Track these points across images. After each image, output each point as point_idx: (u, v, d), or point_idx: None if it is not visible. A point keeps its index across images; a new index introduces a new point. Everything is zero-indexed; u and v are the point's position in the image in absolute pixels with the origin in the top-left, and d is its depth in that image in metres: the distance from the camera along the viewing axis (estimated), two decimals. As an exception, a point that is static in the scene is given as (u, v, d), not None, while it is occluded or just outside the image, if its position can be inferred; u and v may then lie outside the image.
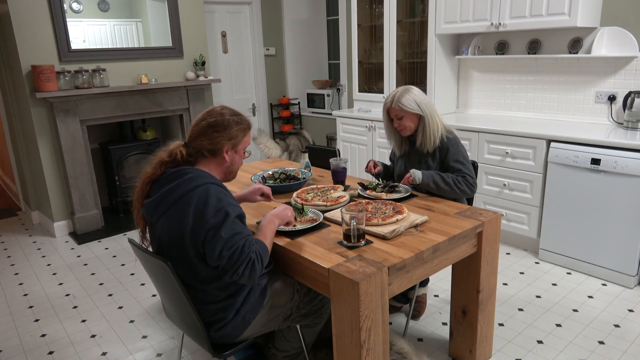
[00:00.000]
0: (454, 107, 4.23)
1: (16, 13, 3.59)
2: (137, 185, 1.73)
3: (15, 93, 4.11)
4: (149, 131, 4.57)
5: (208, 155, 1.73)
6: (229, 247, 1.55)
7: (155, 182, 1.71)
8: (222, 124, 1.71)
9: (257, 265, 1.58)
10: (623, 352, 2.27)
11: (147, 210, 1.69)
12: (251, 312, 1.74)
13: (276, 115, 6.20)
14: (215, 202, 1.59)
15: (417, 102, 2.32)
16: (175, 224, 1.62)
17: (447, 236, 1.82)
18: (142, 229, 1.78)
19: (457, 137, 2.40)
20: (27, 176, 4.42)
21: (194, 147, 1.72)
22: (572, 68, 3.45)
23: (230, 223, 1.58)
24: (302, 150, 2.76)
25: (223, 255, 1.55)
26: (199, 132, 1.71)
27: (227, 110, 1.76)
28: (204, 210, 1.57)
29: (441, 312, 2.68)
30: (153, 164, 1.71)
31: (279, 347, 2.08)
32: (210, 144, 1.71)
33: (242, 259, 1.56)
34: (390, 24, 4.17)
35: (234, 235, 1.57)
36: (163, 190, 1.65)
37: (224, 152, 1.73)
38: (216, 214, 1.57)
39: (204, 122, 1.72)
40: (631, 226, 2.76)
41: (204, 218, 1.57)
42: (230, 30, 5.64)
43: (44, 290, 3.13)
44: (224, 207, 1.59)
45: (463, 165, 2.33)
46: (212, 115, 1.73)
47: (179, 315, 1.79)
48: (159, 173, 1.70)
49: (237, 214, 1.62)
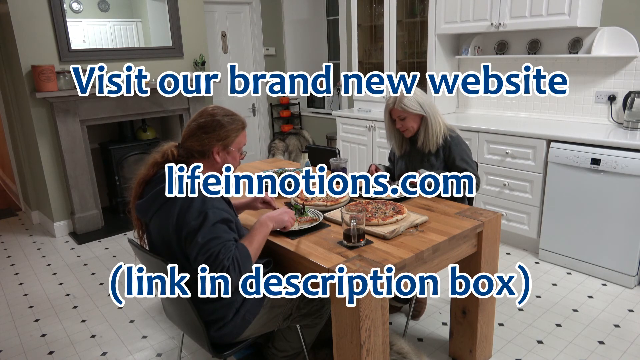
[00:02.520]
0: (454, 107, 4.23)
1: (16, 13, 3.59)
2: (132, 187, 1.73)
3: (15, 93, 4.11)
4: (149, 131, 4.57)
5: (198, 157, 1.71)
6: (204, 251, 1.54)
7: (148, 183, 1.71)
8: (212, 124, 1.69)
9: (232, 274, 1.54)
10: (623, 352, 2.27)
11: (140, 210, 1.69)
12: (251, 312, 1.74)
13: (276, 115, 6.20)
14: (199, 205, 1.57)
15: (419, 103, 2.32)
16: (164, 224, 1.62)
17: (447, 236, 1.82)
18: (139, 230, 1.78)
19: (459, 136, 2.40)
20: (27, 176, 4.42)
21: (185, 148, 1.71)
22: (572, 68, 3.45)
23: (209, 227, 1.55)
24: (302, 150, 2.76)
25: (198, 260, 1.55)
26: (189, 134, 1.71)
27: (220, 110, 1.73)
28: (187, 211, 1.57)
29: (441, 312, 2.68)
30: (147, 164, 1.71)
31: (278, 347, 2.08)
32: (199, 145, 1.69)
33: (216, 265, 1.53)
34: (390, 24, 4.17)
35: (211, 240, 1.54)
36: (153, 191, 1.65)
37: (214, 153, 1.71)
38: (198, 217, 1.56)
39: (194, 123, 1.71)
40: (631, 226, 2.76)
41: (186, 220, 1.56)
42: (230, 30, 5.64)
43: (44, 290, 3.13)
44: (205, 210, 1.56)
45: (468, 164, 2.34)
46: (202, 115, 1.72)
47: (179, 315, 1.79)
48: (151, 174, 1.70)
49: (221, 217, 1.58)
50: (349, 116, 4.52)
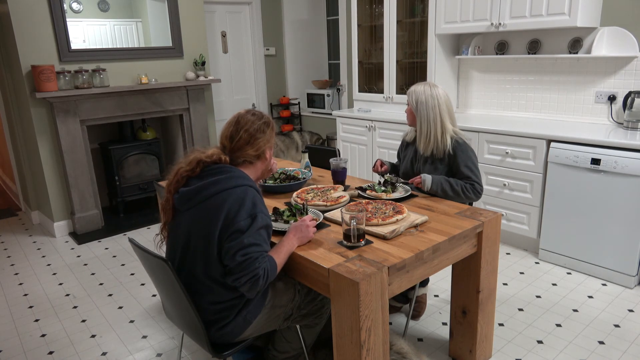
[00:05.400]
0: (454, 107, 4.22)
1: (16, 13, 3.59)
2: (170, 178, 1.77)
3: (15, 93, 4.11)
4: (149, 131, 4.57)
5: (254, 161, 1.82)
6: (244, 253, 1.60)
7: (192, 177, 1.75)
8: (260, 129, 1.81)
9: (260, 282, 1.62)
10: (623, 352, 2.27)
11: (182, 198, 1.72)
12: (252, 312, 1.75)
13: (276, 115, 6.20)
14: (250, 206, 1.64)
15: (416, 101, 2.33)
16: (206, 217, 1.65)
17: (447, 236, 1.82)
18: (167, 221, 1.81)
19: (467, 142, 2.38)
20: (27, 176, 4.42)
21: (239, 157, 1.79)
22: (572, 68, 3.45)
23: (256, 231, 1.63)
24: (302, 150, 2.76)
25: (236, 259, 1.60)
26: (243, 143, 1.78)
27: (254, 117, 1.82)
28: (238, 211, 1.62)
29: (441, 312, 2.68)
30: (189, 161, 1.75)
31: (279, 348, 2.08)
32: (254, 150, 1.80)
33: (250, 271, 1.59)
34: (390, 24, 4.17)
35: (254, 244, 1.62)
36: (202, 182, 1.70)
37: (266, 154, 1.84)
38: (247, 218, 1.62)
39: (245, 133, 1.77)
40: (631, 226, 2.76)
41: (236, 218, 1.61)
42: (230, 30, 5.64)
43: (44, 290, 3.13)
44: (256, 213, 1.64)
45: (472, 172, 2.33)
46: (247, 124, 1.79)
47: (179, 315, 1.80)
48: (197, 171, 1.74)
49: (265, 224, 1.67)
50: (349, 116, 4.52)
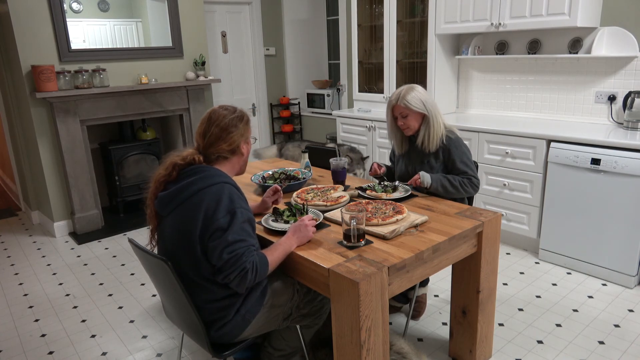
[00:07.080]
0: (454, 107, 4.23)
1: (16, 13, 3.59)
2: (149, 186, 1.78)
3: (15, 93, 4.11)
4: (149, 131, 4.57)
5: (229, 157, 1.80)
6: (230, 250, 1.60)
7: (169, 183, 1.75)
8: (232, 123, 1.78)
9: (248, 276, 1.62)
10: (623, 352, 2.27)
11: (161, 203, 1.72)
12: (251, 312, 1.75)
13: (276, 115, 6.20)
14: (227, 202, 1.64)
15: (422, 101, 2.32)
16: (186, 219, 1.65)
17: (447, 236, 1.82)
18: (154, 228, 1.81)
19: (459, 137, 2.39)
20: (27, 176, 4.42)
21: (212, 153, 1.78)
22: (572, 68, 3.45)
23: (238, 226, 1.62)
24: (302, 150, 2.76)
25: (223, 257, 1.60)
26: (214, 139, 1.76)
27: (228, 108, 1.82)
28: (216, 208, 1.62)
29: (441, 312, 2.68)
30: (166, 166, 1.76)
31: (275, 346, 2.08)
32: (228, 145, 1.78)
33: (237, 266, 1.60)
34: (390, 24, 4.17)
35: (239, 241, 1.61)
36: (179, 185, 1.70)
37: (241, 148, 1.81)
38: (226, 215, 1.62)
39: (215, 128, 1.76)
40: (631, 226, 2.76)
41: (215, 217, 1.61)
42: (230, 30, 5.64)
43: (44, 290, 3.13)
44: (234, 209, 1.63)
45: (467, 167, 2.34)
46: (218, 119, 1.78)
47: (179, 315, 1.80)
48: (174, 176, 1.74)
49: (247, 217, 1.67)
50: (349, 116, 4.52)
